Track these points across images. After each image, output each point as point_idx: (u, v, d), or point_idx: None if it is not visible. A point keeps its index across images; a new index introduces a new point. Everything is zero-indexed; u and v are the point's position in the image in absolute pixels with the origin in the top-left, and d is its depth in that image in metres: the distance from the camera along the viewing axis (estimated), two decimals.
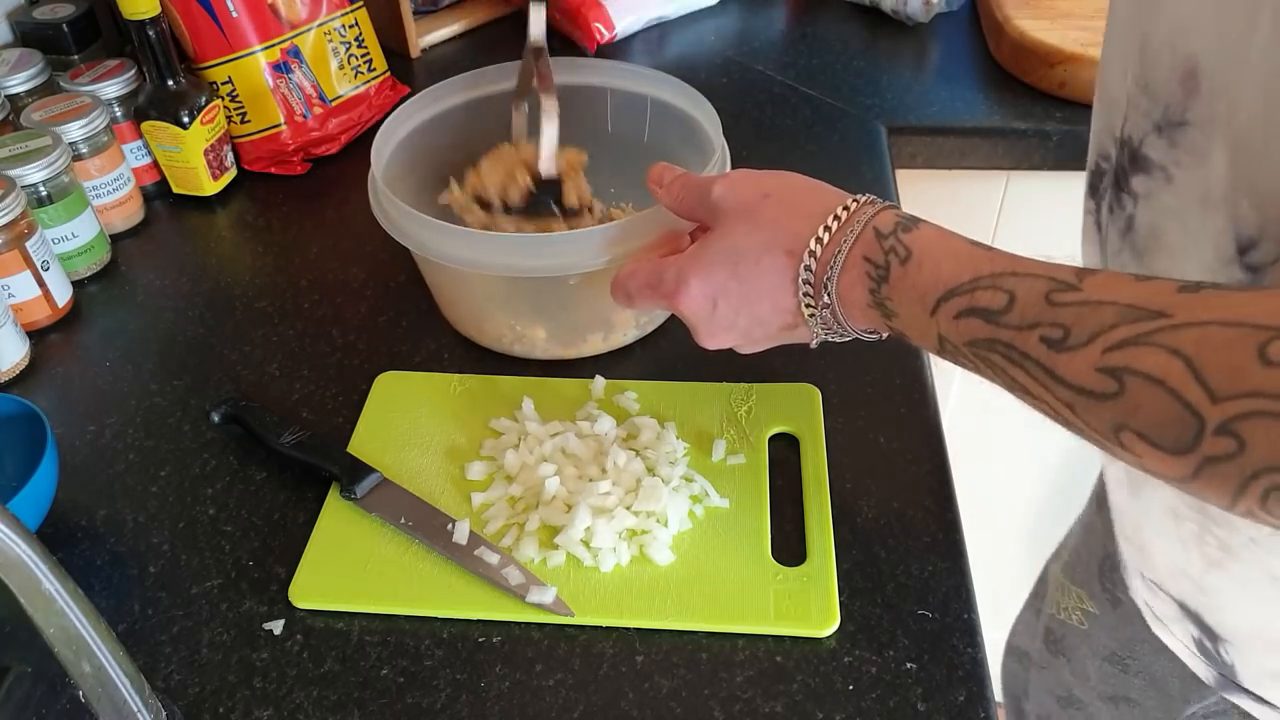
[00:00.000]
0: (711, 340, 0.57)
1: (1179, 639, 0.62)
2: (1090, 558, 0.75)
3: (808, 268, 0.51)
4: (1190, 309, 0.37)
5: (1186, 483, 0.37)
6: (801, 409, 0.68)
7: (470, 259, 0.65)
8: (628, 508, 0.61)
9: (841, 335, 0.54)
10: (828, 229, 0.50)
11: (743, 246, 0.53)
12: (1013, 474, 1.28)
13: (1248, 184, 0.42)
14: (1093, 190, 0.56)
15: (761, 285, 0.53)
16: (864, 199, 0.51)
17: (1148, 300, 0.38)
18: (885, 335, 0.52)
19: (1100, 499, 0.75)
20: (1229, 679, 0.59)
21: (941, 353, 0.47)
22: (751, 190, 0.54)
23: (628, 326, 0.73)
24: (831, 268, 0.50)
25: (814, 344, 0.56)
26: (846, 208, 0.51)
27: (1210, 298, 0.37)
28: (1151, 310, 0.37)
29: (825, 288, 0.51)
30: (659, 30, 1.14)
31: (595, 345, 0.73)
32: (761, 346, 0.57)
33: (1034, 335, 0.41)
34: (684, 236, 0.63)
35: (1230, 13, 0.41)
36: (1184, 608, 0.60)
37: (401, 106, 0.77)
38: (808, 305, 0.52)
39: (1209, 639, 0.59)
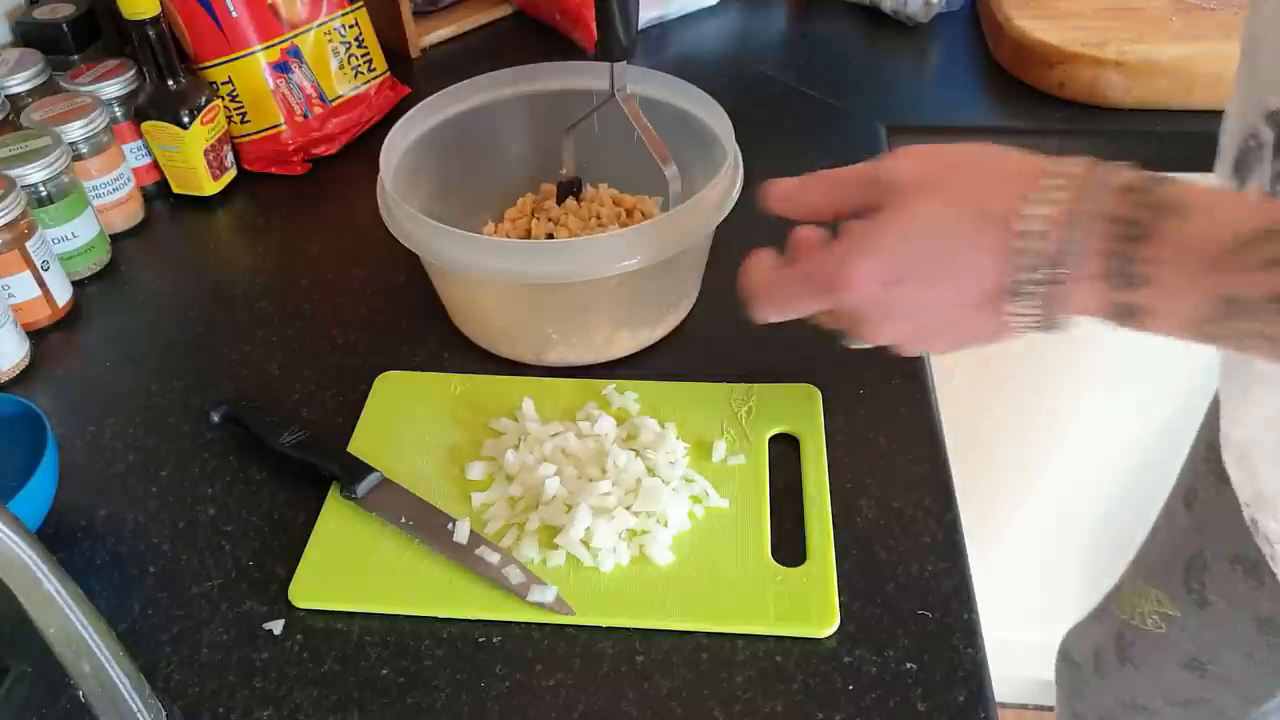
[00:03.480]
0: (878, 332, 0.51)
1: None
2: (1174, 558, 0.72)
3: (1035, 233, 0.44)
4: None
5: None
6: (801, 409, 0.68)
7: (482, 265, 0.65)
8: (628, 508, 0.61)
9: (1045, 322, 0.46)
10: (1059, 187, 0.43)
11: (935, 218, 0.46)
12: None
13: None
14: (1238, 168, 0.54)
15: (954, 263, 0.46)
16: (1092, 160, 0.45)
17: None
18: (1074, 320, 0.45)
19: (1190, 497, 0.72)
20: None
21: (1210, 321, 0.41)
22: (934, 160, 0.48)
23: (656, 325, 0.73)
24: (1072, 230, 0.43)
25: (1007, 336, 0.48)
26: (1081, 164, 0.44)
27: None
28: None
29: (1060, 259, 0.43)
30: (659, 30, 1.14)
31: (622, 346, 0.72)
32: (929, 344, 0.51)
33: None
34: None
35: None
36: None
37: (414, 110, 0.76)
38: (1030, 281, 0.44)
39: None
